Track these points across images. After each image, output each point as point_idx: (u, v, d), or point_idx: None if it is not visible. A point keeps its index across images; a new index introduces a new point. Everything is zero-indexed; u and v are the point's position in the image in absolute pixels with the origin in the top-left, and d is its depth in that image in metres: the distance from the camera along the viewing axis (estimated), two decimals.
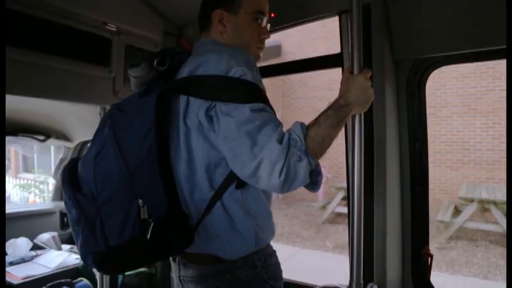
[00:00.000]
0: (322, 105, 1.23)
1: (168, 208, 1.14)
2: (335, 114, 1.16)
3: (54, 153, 8.73)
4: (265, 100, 1.16)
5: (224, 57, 1.15)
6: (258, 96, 1.14)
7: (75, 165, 1.23)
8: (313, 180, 1.16)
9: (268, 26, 1.41)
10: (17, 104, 2.46)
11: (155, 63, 1.22)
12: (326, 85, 9.68)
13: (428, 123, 1.78)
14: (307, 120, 1.19)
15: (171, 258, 1.39)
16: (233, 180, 1.19)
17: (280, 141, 1.07)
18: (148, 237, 1.10)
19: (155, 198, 1.13)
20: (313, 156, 1.10)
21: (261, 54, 1.41)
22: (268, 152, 1.05)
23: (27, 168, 11.25)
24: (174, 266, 1.38)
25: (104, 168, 1.14)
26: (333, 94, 1.32)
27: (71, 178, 1.19)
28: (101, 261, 1.16)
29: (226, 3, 1.32)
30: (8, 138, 2.83)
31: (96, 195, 1.13)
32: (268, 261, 1.29)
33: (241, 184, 1.20)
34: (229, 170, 1.17)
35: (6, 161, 9.28)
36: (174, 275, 1.39)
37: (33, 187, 9.37)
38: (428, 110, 1.81)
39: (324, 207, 8.60)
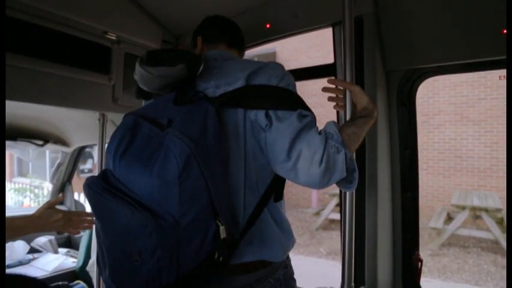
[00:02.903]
0: (317, 112, 1.29)
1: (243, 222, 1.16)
2: (368, 121, 1.25)
3: (49, 158, 8.73)
4: (308, 107, 1.22)
5: (276, 69, 1.24)
6: (303, 103, 1.21)
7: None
8: (349, 178, 1.18)
9: None
10: (18, 110, 2.50)
11: (201, 68, 1.17)
12: (321, 92, 9.72)
13: (422, 131, 1.81)
14: None
15: None
16: (275, 187, 1.23)
17: (318, 133, 1.13)
18: (221, 258, 1.03)
19: (232, 214, 1.14)
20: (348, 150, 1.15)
21: None
22: (307, 142, 1.10)
23: (22, 173, 11.21)
24: None
25: (189, 187, 1.00)
26: (328, 101, 1.39)
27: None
28: None
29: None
30: (7, 143, 2.85)
31: (178, 218, 0.99)
32: (289, 259, 1.36)
33: (279, 196, 1.26)
34: (273, 177, 1.22)
35: None
36: None
37: (29, 191, 9.32)
38: (422, 118, 1.84)
39: (317, 214, 8.62)
